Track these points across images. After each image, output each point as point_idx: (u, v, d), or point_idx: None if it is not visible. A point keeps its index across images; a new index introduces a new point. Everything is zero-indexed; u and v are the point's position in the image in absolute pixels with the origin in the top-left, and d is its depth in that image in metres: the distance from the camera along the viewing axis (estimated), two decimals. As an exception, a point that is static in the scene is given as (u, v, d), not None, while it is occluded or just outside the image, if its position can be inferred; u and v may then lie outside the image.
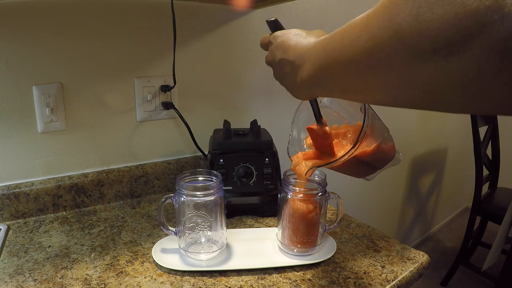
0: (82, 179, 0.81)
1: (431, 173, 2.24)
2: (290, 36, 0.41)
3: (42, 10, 0.70)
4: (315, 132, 0.51)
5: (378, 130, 0.47)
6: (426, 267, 0.63)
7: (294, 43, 0.40)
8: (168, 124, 0.92)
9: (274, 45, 0.43)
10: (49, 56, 0.73)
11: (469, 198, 2.52)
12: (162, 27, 0.84)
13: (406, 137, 1.86)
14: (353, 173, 0.51)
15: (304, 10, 1.10)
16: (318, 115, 0.49)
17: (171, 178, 0.92)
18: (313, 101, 0.49)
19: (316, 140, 0.52)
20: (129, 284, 0.54)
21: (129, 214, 0.79)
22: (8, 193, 0.73)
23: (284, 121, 1.15)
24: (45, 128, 0.76)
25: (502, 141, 2.03)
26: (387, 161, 0.49)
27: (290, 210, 0.60)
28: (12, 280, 0.54)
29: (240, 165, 0.75)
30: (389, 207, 1.93)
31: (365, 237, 0.70)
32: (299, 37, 0.40)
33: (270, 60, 0.45)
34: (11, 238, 0.67)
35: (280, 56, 0.42)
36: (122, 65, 0.82)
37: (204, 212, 0.58)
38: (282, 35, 0.43)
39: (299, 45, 0.39)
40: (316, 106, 0.49)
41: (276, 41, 0.43)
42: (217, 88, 0.98)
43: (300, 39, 0.39)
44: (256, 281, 0.56)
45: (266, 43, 0.47)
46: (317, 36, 0.38)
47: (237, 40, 0.98)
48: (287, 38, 0.41)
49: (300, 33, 0.40)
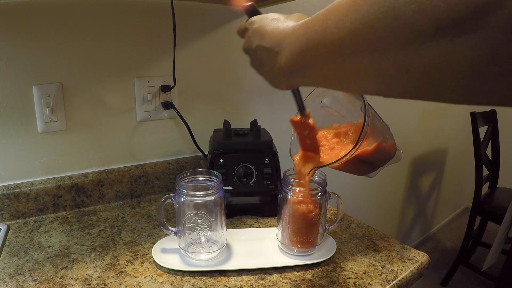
0: (82, 179, 0.81)
1: (431, 173, 2.24)
2: (267, 21, 0.37)
3: (42, 10, 0.70)
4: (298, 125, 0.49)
5: (379, 129, 0.47)
6: (426, 267, 0.63)
7: (272, 28, 0.36)
8: (168, 124, 0.92)
9: (250, 31, 0.40)
10: (49, 56, 0.73)
11: (469, 198, 2.52)
12: (162, 27, 0.84)
13: (406, 137, 1.86)
14: (354, 172, 0.51)
15: (304, 10, 1.10)
16: (301, 107, 0.47)
17: (171, 178, 0.92)
18: (295, 91, 0.47)
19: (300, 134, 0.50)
20: (129, 284, 0.54)
21: (129, 214, 0.79)
22: (8, 193, 0.73)
23: (284, 121, 1.14)
24: (45, 128, 0.76)
25: (502, 141, 2.03)
26: (388, 159, 0.49)
27: (290, 210, 0.60)
28: (12, 280, 0.54)
29: (240, 165, 0.75)
30: (389, 207, 1.93)
31: (365, 237, 0.70)
32: (277, 21, 0.36)
33: (246, 47, 0.41)
34: (11, 238, 0.67)
35: (256, 43, 0.38)
36: (122, 65, 0.82)
37: (204, 212, 0.58)
38: (258, 20, 0.39)
39: (276, 30, 0.35)
40: (299, 97, 0.47)
41: (252, 26, 0.40)
42: (217, 88, 0.98)
43: (278, 24, 0.36)
44: (256, 281, 0.56)
45: (243, 30, 0.43)
46: (297, 19, 0.34)
47: (237, 40, 0.97)
48: (264, 24, 0.38)
49: (278, 17, 0.37)
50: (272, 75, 0.37)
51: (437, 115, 2.08)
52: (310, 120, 0.48)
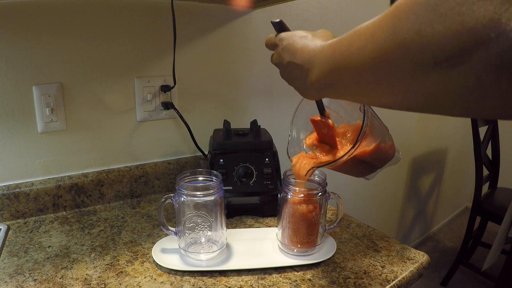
0: (82, 179, 0.81)
1: (431, 173, 2.24)
2: (296, 39, 0.41)
3: (42, 10, 0.70)
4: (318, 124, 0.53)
5: (378, 130, 0.47)
6: (426, 267, 0.63)
7: (301, 46, 0.40)
8: (168, 124, 0.92)
9: (281, 48, 0.44)
10: (49, 56, 0.73)
11: (469, 198, 2.52)
12: (162, 27, 0.84)
13: (406, 137, 1.86)
14: (353, 173, 0.52)
15: (304, 10, 1.10)
16: (322, 108, 0.51)
17: (171, 178, 0.92)
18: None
19: (319, 132, 0.54)
20: (129, 284, 0.54)
21: (129, 214, 0.79)
22: (8, 193, 0.73)
23: (284, 121, 1.15)
24: (45, 128, 0.76)
25: (502, 141, 2.03)
26: (386, 160, 0.50)
27: (290, 210, 0.60)
28: (12, 280, 0.55)
29: (240, 165, 0.75)
30: (389, 207, 1.93)
31: (365, 237, 0.70)
32: (305, 39, 0.40)
33: (277, 62, 0.46)
34: (11, 238, 0.67)
35: (288, 59, 0.42)
36: (122, 65, 0.82)
37: (204, 212, 0.58)
38: (287, 38, 0.43)
39: (306, 48, 0.39)
40: (320, 101, 0.51)
41: (282, 43, 0.44)
42: (217, 88, 0.98)
43: (306, 42, 0.40)
44: (256, 281, 0.56)
45: (272, 44, 0.47)
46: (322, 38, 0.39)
47: (237, 40, 0.98)
48: (293, 41, 0.42)
49: (306, 35, 0.41)
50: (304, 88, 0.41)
51: (437, 115, 2.08)
52: (329, 120, 0.52)
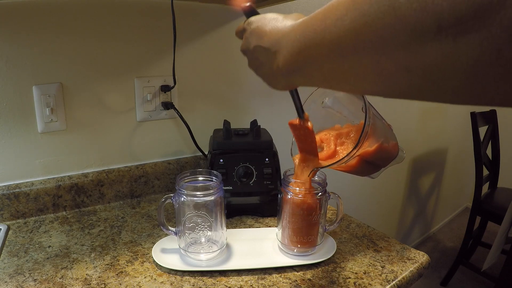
0: (82, 179, 0.81)
1: (431, 173, 2.24)
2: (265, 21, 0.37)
3: (42, 10, 0.70)
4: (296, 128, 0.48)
5: (380, 130, 0.47)
6: (426, 267, 0.63)
7: (270, 28, 0.35)
8: (168, 124, 0.92)
9: (248, 32, 0.39)
10: (49, 56, 0.73)
11: (469, 198, 2.52)
12: (162, 27, 0.84)
13: (406, 137, 1.86)
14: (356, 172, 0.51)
15: (304, 10, 1.10)
16: (300, 109, 0.46)
17: (171, 178, 0.92)
18: (294, 92, 0.46)
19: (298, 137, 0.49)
20: (129, 284, 0.54)
21: (129, 214, 0.79)
22: (8, 193, 0.73)
23: (284, 121, 1.14)
24: (45, 128, 0.76)
25: (502, 141, 2.03)
26: (390, 160, 0.49)
27: (290, 210, 0.60)
28: (12, 280, 0.54)
29: (240, 165, 0.75)
30: (389, 207, 1.93)
31: (365, 237, 0.70)
32: (275, 21, 0.36)
33: (244, 48, 0.41)
34: (11, 238, 0.67)
35: (254, 43, 0.38)
36: (122, 65, 0.82)
37: (204, 212, 0.58)
38: (257, 21, 0.39)
39: (275, 29, 0.34)
40: (298, 99, 0.46)
41: (250, 27, 0.39)
42: (217, 88, 0.98)
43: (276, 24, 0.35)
44: (256, 281, 0.56)
45: (241, 31, 0.43)
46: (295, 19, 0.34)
47: (237, 40, 0.97)
48: (262, 24, 0.37)
49: (277, 17, 0.36)
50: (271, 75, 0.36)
51: (437, 115, 2.08)
52: (308, 124, 0.47)
